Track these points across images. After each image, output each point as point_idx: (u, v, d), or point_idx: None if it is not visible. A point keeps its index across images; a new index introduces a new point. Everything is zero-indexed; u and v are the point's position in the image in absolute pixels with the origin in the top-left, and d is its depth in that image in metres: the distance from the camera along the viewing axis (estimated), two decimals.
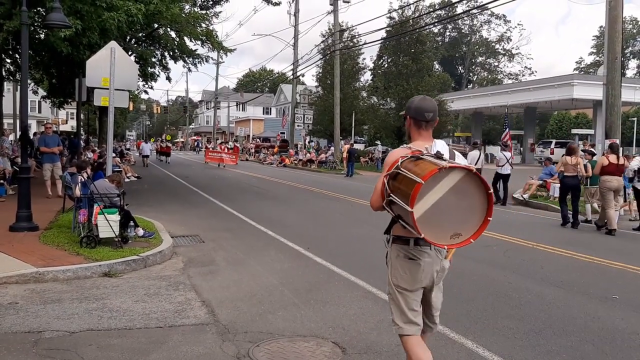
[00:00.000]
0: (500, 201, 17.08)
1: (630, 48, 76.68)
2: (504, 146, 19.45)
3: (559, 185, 13.87)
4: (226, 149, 40.69)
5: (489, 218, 3.33)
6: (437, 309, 3.80)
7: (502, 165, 17.63)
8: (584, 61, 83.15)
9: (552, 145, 42.38)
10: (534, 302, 6.44)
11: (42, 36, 15.85)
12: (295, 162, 40.95)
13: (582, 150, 14.32)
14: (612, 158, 12.26)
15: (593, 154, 14.28)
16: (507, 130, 23.51)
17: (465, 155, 18.15)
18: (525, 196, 17.66)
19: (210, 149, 42.23)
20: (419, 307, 3.63)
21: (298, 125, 44.80)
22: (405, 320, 3.58)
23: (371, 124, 42.32)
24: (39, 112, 60.95)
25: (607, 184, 12.16)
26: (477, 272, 7.91)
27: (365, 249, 9.57)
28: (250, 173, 30.17)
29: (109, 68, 10.36)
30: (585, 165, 12.91)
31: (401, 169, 3.29)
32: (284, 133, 61.76)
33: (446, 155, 3.53)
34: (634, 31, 76.96)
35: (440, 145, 3.65)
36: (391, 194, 3.34)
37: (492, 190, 3.39)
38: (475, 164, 16.76)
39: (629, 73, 75.22)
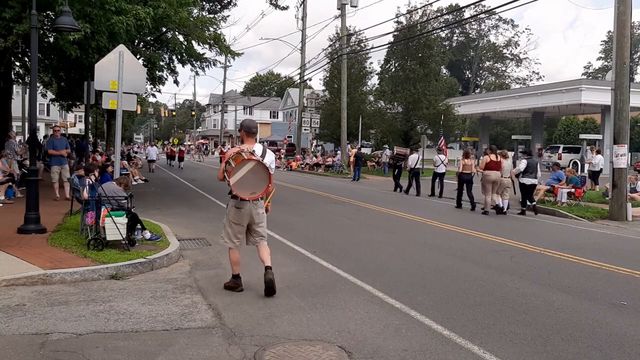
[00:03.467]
0: (435, 195, 20.73)
1: (638, 53, 76.35)
2: (439, 150, 23.63)
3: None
4: None
5: (269, 185, 6.40)
6: (261, 235, 6.75)
7: (438, 166, 21.31)
8: (592, 66, 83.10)
9: (560, 151, 42.21)
10: (542, 307, 6.41)
11: (52, 40, 15.94)
12: (302, 165, 40.98)
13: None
14: (493, 157, 15.95)
15: (506, 156, 17.06)
16: (442, 138, 28.56)
17: (406, 157, 23.28)
18: None
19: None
20: (240, 235, 6.67)
21: (305, 129, 44.88)
22: (229, 239, 6.68)
23: (378, 128, 42.30)
24: (48, 115, 61.35)
25: (488, 177, 15.79)
26: (484, 278, 7.89)
27: (371, 253, 9.55)
28: None
29: (117, 71, 10.44)
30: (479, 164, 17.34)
31: (230, 160, 6.35)
32: (290, 137, 61.89)
33: (259, 153, 6.50)
34: None
35: (257, 147, 6.61)
36: (225, 172, 6.40)
37: (271, 171, 6.41)
38: (415, 165, 21.92)
39: (638, 78, 74.93)
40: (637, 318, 6.12)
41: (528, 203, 16.09)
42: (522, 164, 16.01)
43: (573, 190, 17.44)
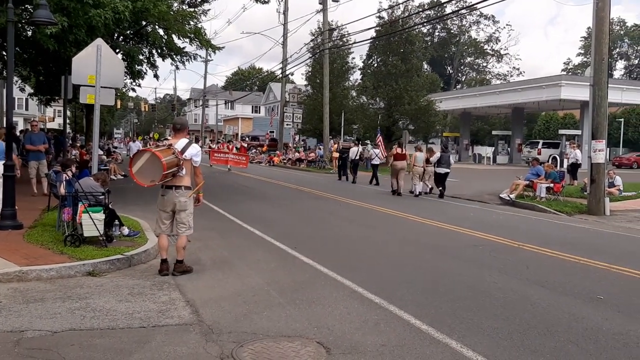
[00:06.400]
0: (373, 183, 23.74)
1: (617, 49, 77.40)
2: (375, 145, 27.39)
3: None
4: (234, 149, 34.87)
5: (164, 173, 6.70)
6: (182, 223, 7.28)
7: (373, 158, 25.13)
8: (571, 62, 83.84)
9: (540, 146, 42.60)
10: (519, 302, 6.47)
11: (30, 33, 15.71)
12: (284, 161, 40.89)
13: (415, 147, 21.80)
14: (399, 150, 20.01)
15: (421, 150, 20.23)
16: (379, 134, 31.38)
17: (347, 150, 26.86)
18: (512, 196, 17.76)
19: (216, 150, 35.28)
20: (166, 221, 7.30)
21: (287, 124, 44.74)
22: (156, 224, 7.43)
23: (360, 124, 42.37)
24: (26, 109, 60.55)
25: (394, 167, 19.53)
26: (463, 272, 7.93)
27: (352, 249, 9.57)
28: (238, 172, 30.08)
29: (95, 65, 10.27)
30: (411, 156, 20.42)
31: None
32: (273, 132, 61.70)
33: (179, 148, 7.03)
34: (621, 32, 77.59)
35: (181, 142, 7.15)
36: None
37: (164, 161, 6.70)
38: (355, 156, 25.56)
39: (616, 74, 75.92)
40: (612, 312, 6.20)
41: (441, 188, 18.88)
42: (435, 157, 19.08)
43: (552, 185, 17.61)
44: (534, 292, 6.90)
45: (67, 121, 24.74)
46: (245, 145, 43.68)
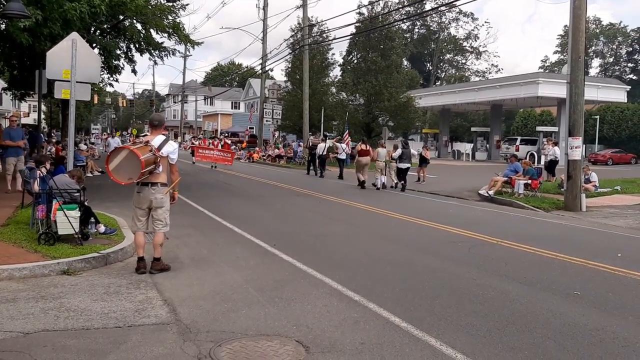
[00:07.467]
0: (339, 177, 24.89)
1: (593, 47, 78.18)
2: (340, 140, 28.54)
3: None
4: (219, 146, 33.16)
5: (142, 171, 6.64)
6: (159, 220, 7.21)
7: (340, 153, 26.47)
8: (549, 59, 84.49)
9: (518, 142, 43.00)
10: (498, 298, 6.48)
11: (2, 26, 15.38)
12: (264, 157, 40.72)
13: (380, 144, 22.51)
14: (363, 147, 21.51)
15: (384, 146, 21.58)
16: (347, 131, 32.51)
17: (316, 146, 27.70)
18: (491, 192, 17.87)
19: (198, 146, 33.45)
20: (142, 218, 7.20)
21: (267, 121, 44.55)
22: (132, 221, 7.34)
23: (340, 120, 42.37)
24: (0, 104, 59.46)
25: (359, 161, 21.02)
26: (442, 269, 7.94)
27: (331, 246, 9.53)
28: (217, 169, 29.90)
29: (71, 60, 10.08)
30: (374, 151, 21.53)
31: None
32: (252, 128, 61.43)
33: (156, 144, 6.98)
34: (597, 31, 78.49)
35: (158, 139, 7.11)
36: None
37: (142, 158, 6.62)
38: (323, 152, 26.61)
39: (592, 72, 76.72)
40: (589, 308, 6.24)
41: (403, 182, 20.09)
42: (397, 153, 20.29)
43: (529, 181, 17.77)
44: (512, 289, 6.93)
45: (43, 116, 24.28)
46: (229, 142, 43.22)
